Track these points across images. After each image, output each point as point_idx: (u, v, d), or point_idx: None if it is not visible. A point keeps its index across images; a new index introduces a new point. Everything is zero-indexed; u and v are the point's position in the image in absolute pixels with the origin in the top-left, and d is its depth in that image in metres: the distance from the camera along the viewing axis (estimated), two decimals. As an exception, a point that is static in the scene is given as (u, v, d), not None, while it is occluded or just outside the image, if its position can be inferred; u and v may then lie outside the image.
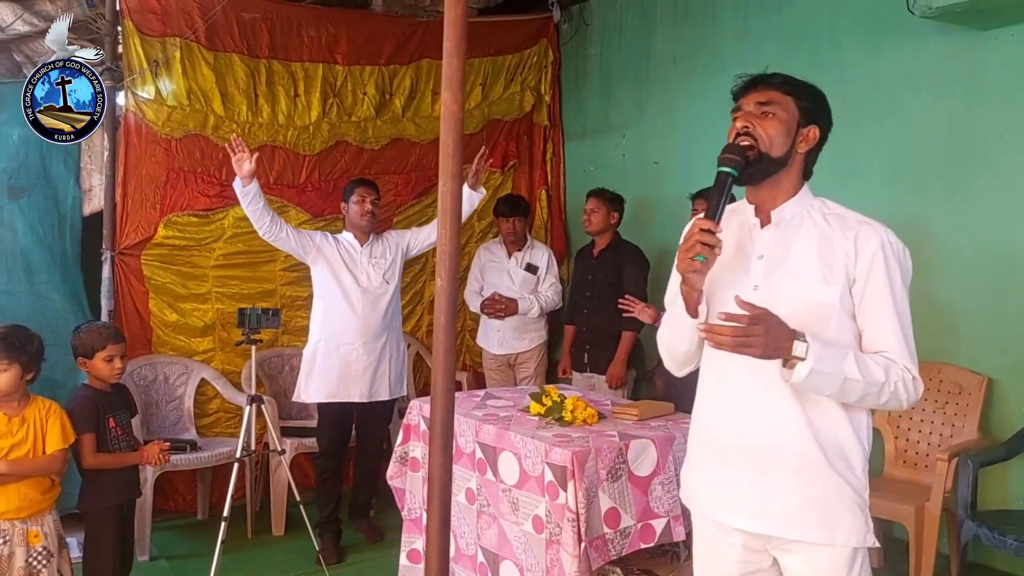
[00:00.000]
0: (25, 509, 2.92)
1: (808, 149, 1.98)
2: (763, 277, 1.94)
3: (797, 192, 1.99)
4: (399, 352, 4.41)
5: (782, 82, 1.98)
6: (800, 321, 1.81)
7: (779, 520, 1.92)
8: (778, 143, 1.93)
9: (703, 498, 2.07)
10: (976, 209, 3.83)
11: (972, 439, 3.70)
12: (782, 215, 1.98)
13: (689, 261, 1.85)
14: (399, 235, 4.49)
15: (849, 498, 1.91)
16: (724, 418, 2.00)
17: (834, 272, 1.89)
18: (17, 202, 4.38)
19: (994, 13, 3.53)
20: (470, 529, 3.26)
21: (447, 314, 1.87)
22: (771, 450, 1.92)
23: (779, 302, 1.84)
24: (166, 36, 4.61)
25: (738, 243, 2.01)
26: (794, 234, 1.96)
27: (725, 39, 4.88)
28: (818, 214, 1.97)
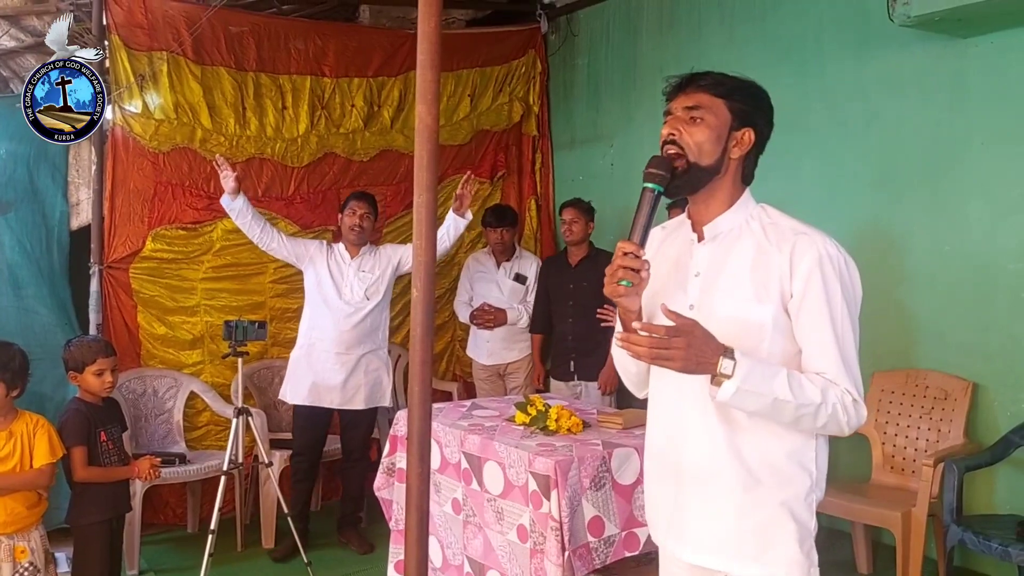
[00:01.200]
0: (11, 524, 2.92)
1: (743, 154, 1.83)
2: (699, 295, 1.83)
3: (734, 202, 1.85)
4: (380, 365, 4.45)
5: (713, 83, 1.82)
6: (733, 341, 1.70)
7: (711, 550, 1.82)
8: (707, 151, 1.79)
9: (652, 519, 1.99)
10: (960, 215, 3.86)
11: (958, 444, 3.71)
12: (716, 229, 1.85)
13: (614, 286, 1.75)
14: (394, 250, 4.51)
15: (788, 530, 1.77)
16: (659, 438, 1.92)
17: (768, 290, 1.76)
18: (4, 216, 4.39)
19: (973, 22, 3.56)
20: (456, 539, 3.26)
21: (423, 325, 1.88)
22: (702, 473, 1.81)
23: (712, 322, 1.72)
24: (153, 50, 4.62)
25: (678, 260, 1.91)
26: (730, 249, 1.83)
27: (711, 48, 4.91)
28: (757, 224, 1.83)
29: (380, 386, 4.45)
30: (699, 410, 1.80)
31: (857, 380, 1.73)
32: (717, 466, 1.79)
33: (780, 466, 1.78)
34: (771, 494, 1.78)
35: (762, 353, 1.73)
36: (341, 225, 4.45)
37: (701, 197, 1.85)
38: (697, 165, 1.79)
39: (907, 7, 3.47)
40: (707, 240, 1.86)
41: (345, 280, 4.37)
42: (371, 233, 4.48)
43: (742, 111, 1.82)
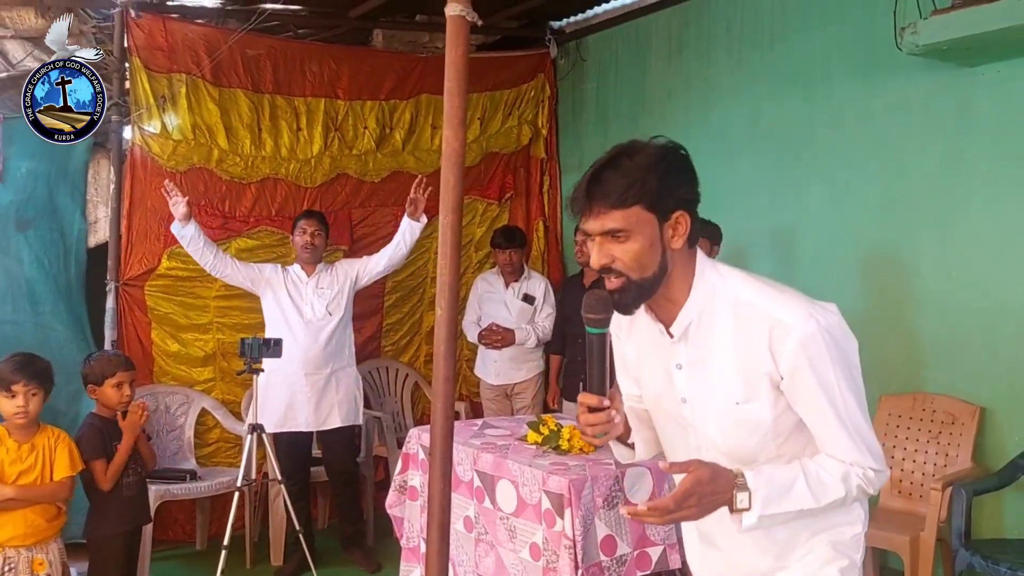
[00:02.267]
0: (31, 536, 2.96)
1: (685, 236, 1.64)
2: (687, 388, 1.71)
3: (690, 284, 1.67)
4: (350, 383, 4.47)
5: (619, 196, 1.59)
6: (734, 438, 1.67)
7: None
8: (647, 262, 1.61)
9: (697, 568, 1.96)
10: (966, 241, 3.90)
11: (966, 468, 3.73)
12: (683, 324, 1.68)
13: (591, 439, 1.70)
14: (350, 265, 4.58)
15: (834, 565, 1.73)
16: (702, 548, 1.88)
17: (757, 387, 1.64)
18: (24, 233, 4.45)
19: (980, 50, 3.61)
20: (468, 557, 3.28)
21: (447, 342, 1.93)
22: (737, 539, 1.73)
23: (709, 415, 1.68)
24: (172, 72, 4.71)
25: (653, 344, 1.76)
26: (706, 344, 1.67)
27: (719, 74, 4.98)
28: (724, 306, 1.66)
29: (355, 403, 4.47)
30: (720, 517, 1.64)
31: (872, 447, 1.65)
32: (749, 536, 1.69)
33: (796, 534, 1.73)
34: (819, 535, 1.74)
35: (768, 445, 1.67)
36: (293, 245, 4.55)
37: (654, 301, 1.69)
38: (640, 282, 1.62)
39: (915, 36, 3.53)
40: (678, 338, 1.70)
41: (305, 299, 4.41)
42: (323, 250, 4.53)
43: (662, 202, 1.61)
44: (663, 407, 1.77)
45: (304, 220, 4.48)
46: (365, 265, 4.53)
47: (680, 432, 1.76)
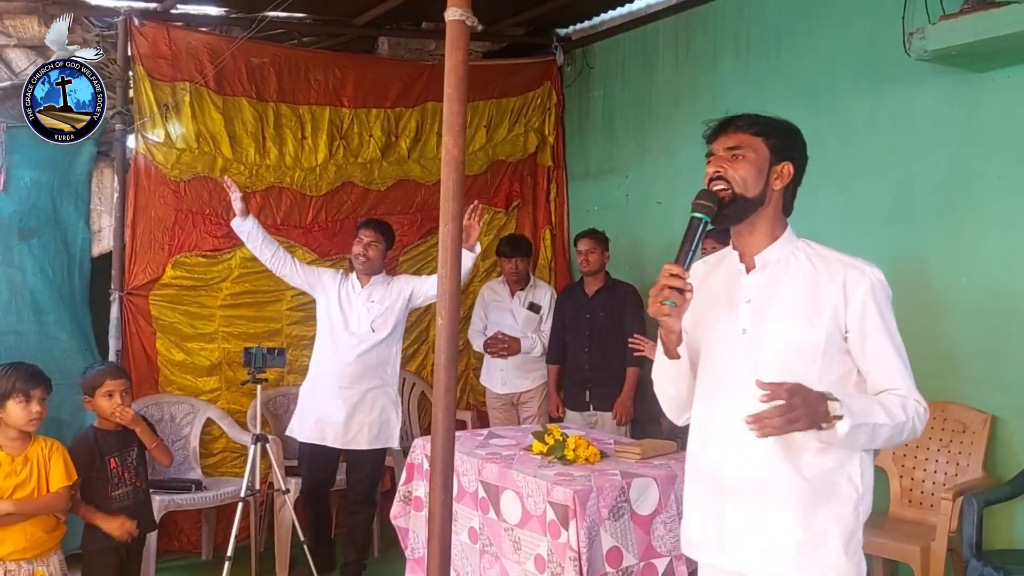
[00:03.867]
0: (31, 549, 2.94)
1: (784, 186, 2.00)
2: (750, 321, 1.96)
3: (780, 235, 2.01)
4: (387, 403, 4.25)
5: (749, 123, 2.01)
6: (786, 363, 1.87)
7: (768, 559, 1.94)
8: (751, 183, 1.96)
9: (694, 537, 2.08)
10: (976, 248, 3.85)
11: (977, 478, 3.68)
12: (767, 259, 1.99)
13: (659, 305, 1.87)
14: (406, 281, 4.35)
15: (836, 537, 1.91)
16: (711, 460, 2.02)
17: (820, 315, 1.90)
18: (27, 243, 4.44)
19: (989, 56, 3.58)
20: (473, 569, 3.25)
21: (448, 352, 1.91)
22: (760, 490, 1.93)
23: (766, 345, 1.91)
24: (176, 81, 4.71)
25: (726, 288, 2.03)
26: (779, 278, 1.97)
27: (726, 81, 4.96)
28: (803, 256, 1.98)
29: (387, 425, 4.24)
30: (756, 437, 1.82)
31: (915, 383, 1.93)
32: (776, 483, 1.91)
33: (832, 480, 1.92)
34: (824, 507, 1.91)
35: (813, 374, 1.86)
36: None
37: (745, 228, 2.00)
38: (743, 196, 1.95)
39: (923, 41, 3.49)
40: (757, 269, 2.00)
41: (353, 311, 4.24)
42: (380, 262, 4.32)
43: (779, 146, 2.00)
44: (717, 343, 2.00)
45: (362, 229, 4.31)
46: (422, 285, 4.27)
47: (728, 363, 1.97)
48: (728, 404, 1.94)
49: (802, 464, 1.90)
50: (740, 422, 1.82)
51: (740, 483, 1.95)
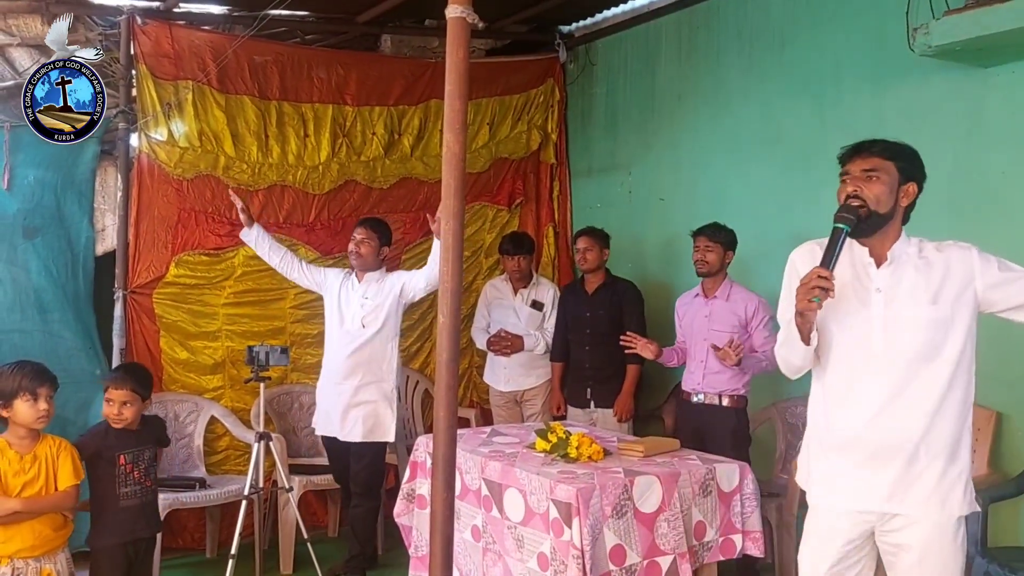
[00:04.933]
0: (39, 547, 2.94)
1: (910, 202, 2.39)
2: (883, 308, 2.36)
3: (899, 236, 2.40)
4: (379, 398, 4.27)
5: (882, 149, 2.37)
6: (925, 339, 2.30)
7: (908, 503, 2.32)
8: (883, 201, 2.33)
9: (832, 484, 2.44)
10: (981, 244, 3.83)
11: (982, 475, 3.66)
12: (894, 255, 2.38)
13: (807, 301, 2.24)
14: (397, 277, 4.36)
15: (960, 478, 2.32)
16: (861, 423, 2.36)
17: (942, 292, 2.32)
18: (32, 242, 4.45)
19: (994, 51, 3.56)
20: (476, 567, 3.25)
21: (449, 351, 1.91)
22: (903, 445, 2.30)
23: (903, 328, 2.32)
24: (179, 79, 4.71)
25: (855, 279, 2.40)
26: (903, 269, 2.37)
27: (729, 77, 4.94)
28: (915, 250, 2.39)
29: (381, 420, 4.27)
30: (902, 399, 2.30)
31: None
32: (915, 438, 2.30)
33: (958, 434, 2.32)
34: (951, 454, 2.31)
35: (951, 341, 2.29)
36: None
37: (878, 236, 2.38)
38: (877, 213, 2.33)
39: (928, 37, 3.48)
40: (887, 263, 2.38)
41: (349, 308, 4.32)
42: (374, 259, 4.33)
43: (906, 169, 2.37)
44: (851, 325, 2.38)
45: (356, 227, 4.38)
46: (410, 280, 4.30)
47: (863, 342, 2.36)
48: (865, 375, 2.34)
49: (937, 424, 2.29)
50: (876, 389, 2.32)
51: (878, 438, 2.33)
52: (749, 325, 4.03)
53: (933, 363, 2.30)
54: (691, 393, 4.10)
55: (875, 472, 2.34)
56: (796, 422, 4.48)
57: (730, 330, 3.99)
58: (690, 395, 4.10)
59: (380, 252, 4.36)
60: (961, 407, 2.32)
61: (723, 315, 4.05)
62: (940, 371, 2.30)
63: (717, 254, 4.08)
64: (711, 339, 3.98)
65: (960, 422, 2.33)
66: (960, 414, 2.32)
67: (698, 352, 4.08)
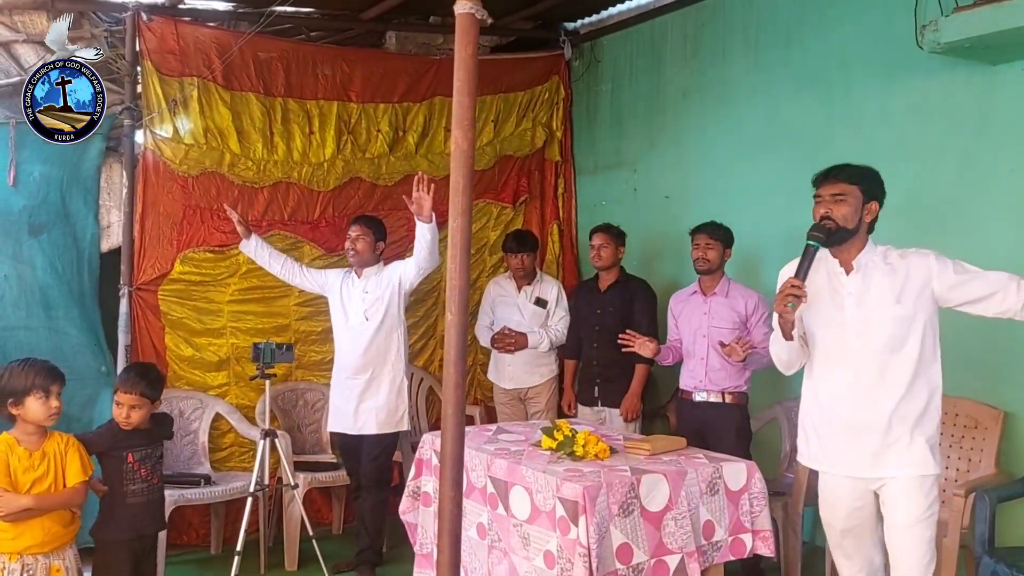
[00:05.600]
0: (48, 543, 2.94)
1: (872, 218, 2.85)
2: (855, 309, 2.80)
3: (864, 246, 2.84)
4: (391, 389, 4.34)
5: (848, 175, 2.83)
6: (891, 334, 2.73)
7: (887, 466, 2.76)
8: (849, 219, 2.79)
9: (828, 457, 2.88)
10: (988, 243, 3.82)
11: (989, 474, 3.66)
12: (860, 264, 2.82)
13: (784, 307, 2.73)
14: (393, 268, 4.39)
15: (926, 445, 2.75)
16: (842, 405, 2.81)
17: (904, 293, 2.74)
18: (37, 238, 4.44)
19: (1002, 48, 3.55)
20: (481, 564, 3.24)
21: (457, 348, 1.90)
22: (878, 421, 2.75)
23: (872, 325, 2.76)
24: (184, 76, 4.70)
25: (829, 286, 2.86)
26: (870, 275, 2.80)
27: (735, 74, 4.93)
28: (880, 258, 2.82)
29: (393, 410, 4.34)
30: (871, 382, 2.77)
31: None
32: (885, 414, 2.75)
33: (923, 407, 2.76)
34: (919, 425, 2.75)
35: (913, 334, 2.74)
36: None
37: (845, 247, 2.84)
38: (844, 228, 2.79)
39: (936, 34, 3.47)
40: (854, 271, 2.83)
41: (352, 304, 4.38)
42: (371, 254, 4.38)
43: (868, 190, 2.83)
44: (828, 325, 2.84)
45: (351, 225, 4.45)
46: (404, 268, 4.35)
47: (839, 339, 2.82)
48: (843, 366, 2.80)
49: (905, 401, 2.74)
50: (853, 377, 2.78)
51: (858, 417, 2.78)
52: (749, 321, 4.02)
53: (899, 353, 2.74)
54: (692, 391, 4.09)
55: (860, 445, 2.78)
56: (802, 421, 4.47)
57: (730, 326, 3.99)
58: (691, 393, 4.09)
59: (376, 247, 4.43)
60: (927, 387, 2.76)
61: (723, 312, 4.05)
62: (906, 359, 2.74)
63: (717, 251, 4.08)
64: (712, 336, 3.97)
65: (926, 400, 2.76)
66: (927, 393, 2.76)
67: (698, 350, 4.07)
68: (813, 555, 4.03)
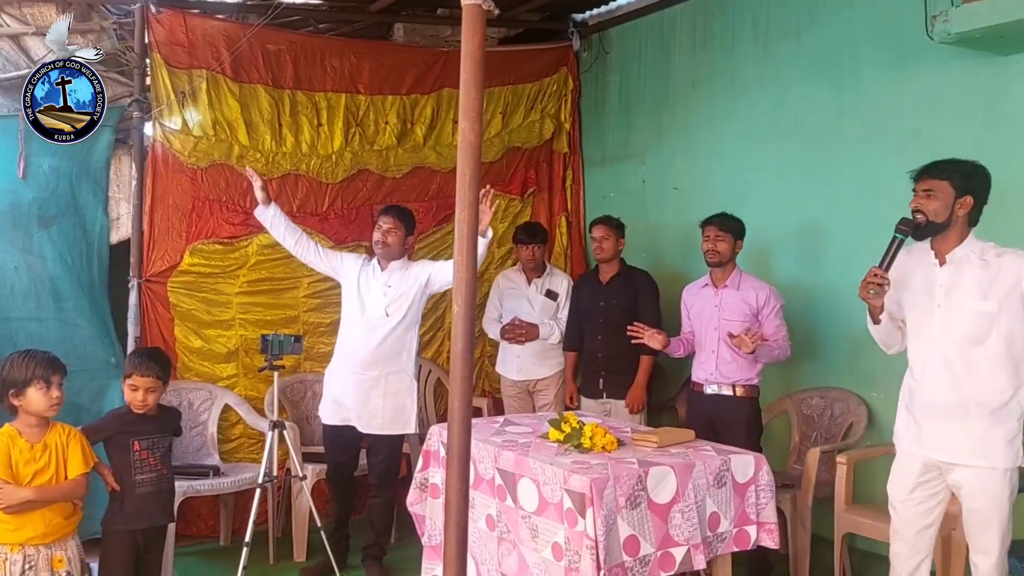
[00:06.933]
0: (50, 535, 2.96)
1: (967, 211, 2.91)
2: (944, 299, 2.92)
3: (963, 239, 2.93)
4: (402, 389, 4.22)
5: (938, 172, 2.94)
6: (973, 326, 2.84)
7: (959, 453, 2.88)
8: (940, 214, 2.90)
9: (908, 434, 3.03)
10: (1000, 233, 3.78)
11: (999, 467, 3.63)
12: (953, 257, 2.93)
13: (867, 294, 2.93)
14: (423, 267, 4.30)
15: (1004, 438, 2.83)
16: (929, 388, 2.95)
17: (991, 291, 2.84)
18: (47, 230, 4.46)
19: (1014, 39, 3.52)
20: (491, 556, 3.25)
21: (464, 340, 1.90)
22: (955, 408, 2.87)
23: (956, 316, 2.88)
24: (193, 68, 4.71)
25: (923, 276, 2.99)
26: (962, 269, 2.90)
27: (744, 65, 4.90)
28: (977, 253, 2.90)
29: (403, 411, 4.22)
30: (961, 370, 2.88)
31: None
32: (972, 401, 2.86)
33: (1007, 399, 2.84)
34: (999, 415, 2.84)
35: (997, 330, 2.83)
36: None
37: (939, 238, 2.95)
38: (933, 222, 2.92)
39: (947, 24, 3.44)
40: (947, 264, 2.94)
41: (371, 296, 4.22)
42: (400, 248, 4.27)
43: (961, 185, 2.91)
44: (921, 313, 2.98)
45: (381, 216, 4.29)
46: (439, 271, 4.20)
47: (928, 325, 2.95)
48: (930, 352, 2.94)
49: (989, 390, 2.85)
50: (938, 363, 2.92)
51: (939, 401, 2.91)
52: (760, 314, 4.00)
53: (981, 346, 2.84)
54: (703, 384, 4.08)
55: (936, 427, 2.92)
56: (811, 413, 4.46)
57: (741, 319, 3.97)
58: (702, 386, 4.08)
59: (406, 242, 4.31)
60: (1009, 381, 2.84)
61: (734, 304, 4.03)
62: (988, 353, 2.83)
63: (728, 243, 4.05)
64: (723, 328, 3.96)
65: (1009, 395, 2.84)
66: (1009, 387, 2.84)
67: (709, 342, 4.06)
68: (821, 547, 4.02)
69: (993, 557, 2.89)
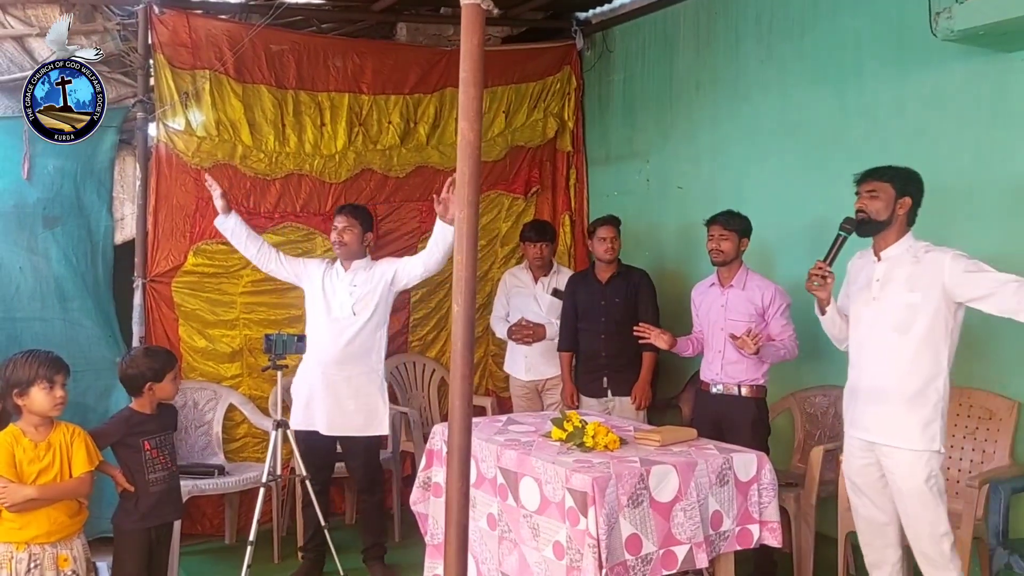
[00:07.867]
0: (55, 533, 2.97)
1: (906, 211, 3.18)
2: (879, 292, 3.19)
3: (900, 239, 3.19)
4: (372, 390, 4.18)
5: (880, 175, 3.21)
6: (901, 316, 3.09)
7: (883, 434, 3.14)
8: (881, 212, 3.17)
9: (848, 417, 3.31)
10: (1003, 232, 3.79)
11: (1003, 465, 3.63)
12: (888, 255, 3.20)
13: (810, 286, 3.24)
14: (388, 264, 4.27)
15: (920, 422, 3.06)
16: (867, 375, 3.21)
17: (918, 284, 3.08)
18: (51, 231, 4.48)
19: (1018, 35, 3.51)
20: (492, 555, 3.25)
21: (464, 339, 1.90)
22: (881, 393, 3.13)
23: (886, 308, 3.14)
24: (196, 69, 4.72)
25: (865, 272, 3.26)
26: (896, 265, 3.17)
27: (748, 65, 4.90)
28: (910, 251, 3.16)
29: (375, 412, 4.17)
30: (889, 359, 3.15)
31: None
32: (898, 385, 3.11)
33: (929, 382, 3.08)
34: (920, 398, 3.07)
35: (920, 320, 3.06)
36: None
37: (880, 236, 3.22)
38: (876, 220, 3.19)
39: (950, 21, 3.43)
40: (883, 260, 3.21)
41: (336, 297, 4.19)
42: (359, 246, 4.24)
43: (900, 187, 3.18)
44: (859, 304, 3.25)
45: (336, 216, 4.30)
46: (405, 266, 4.21)
47: (864, 315, 3.22)
48: (865, 342, 3.22)
49: (914, 375, 3.08)
50: (870, 352, 3.20)
51: (869, 386, 3.19)
52: (766, 313, 3.99)
53: (905, 335, 3.08)
54: (710, 384, 4.07)
55: (868, 412, 3.19)
56: (815, 411, 4.46)
57: (747, 319, 3.96)
58: (709, 386, 4.08)
59: (364, 239, 4.27)
60: (929, 369, 3.07)
61: (740, 304, 4.02)
62: (910, 342, 3.08)
63: (732, 242, 4.03)
64: (728, 328, 3.95)
65: (927, 381, 3.07)
66: (928, 375, 3.07)
67: (715, 342, 4.05)
68: (825, 545, 4.02)
69: (922, 542, 3.06)
